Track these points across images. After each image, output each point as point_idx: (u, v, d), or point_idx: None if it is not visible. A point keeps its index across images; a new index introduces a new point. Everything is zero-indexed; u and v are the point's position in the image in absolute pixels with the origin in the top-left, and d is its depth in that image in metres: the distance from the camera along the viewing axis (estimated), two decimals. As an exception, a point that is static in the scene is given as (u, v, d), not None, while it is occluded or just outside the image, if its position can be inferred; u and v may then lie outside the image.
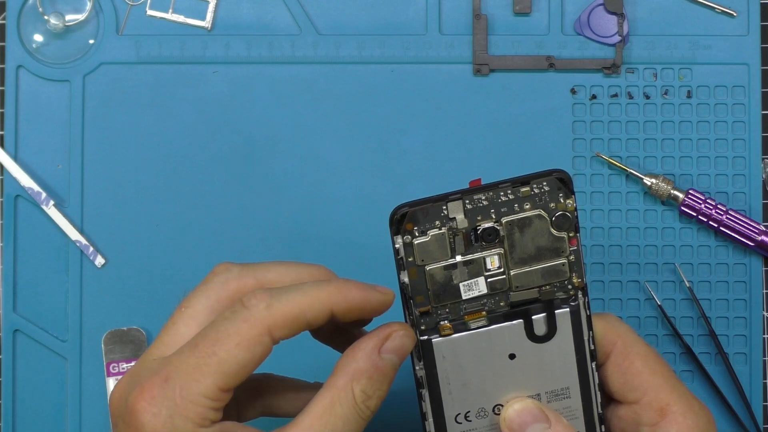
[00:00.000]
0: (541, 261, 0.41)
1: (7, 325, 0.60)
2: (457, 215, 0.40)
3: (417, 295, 0.41)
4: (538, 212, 0.40)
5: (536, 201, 0.40)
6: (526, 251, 0.41)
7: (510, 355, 0.41)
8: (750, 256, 0.61)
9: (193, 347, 0.39)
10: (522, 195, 0.40)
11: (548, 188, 0.40)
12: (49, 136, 0.61)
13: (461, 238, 0.40)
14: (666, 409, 0.42)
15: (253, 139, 0.61)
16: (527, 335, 0.41)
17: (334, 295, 0.40)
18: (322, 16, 0.62)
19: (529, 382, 0.42)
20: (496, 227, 0.40)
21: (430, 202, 0.40)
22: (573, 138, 0.61)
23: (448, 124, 0.61)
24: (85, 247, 0.60)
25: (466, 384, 0.41)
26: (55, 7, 0.61)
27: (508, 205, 0.40)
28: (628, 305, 0.61)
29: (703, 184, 0.61)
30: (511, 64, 0.61)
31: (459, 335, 0.41)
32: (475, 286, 0.41)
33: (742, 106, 0.61)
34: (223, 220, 0.61)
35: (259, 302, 0.39)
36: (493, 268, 0.41)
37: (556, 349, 0.42)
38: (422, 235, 0.40)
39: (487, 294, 0.41)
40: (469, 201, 0.40)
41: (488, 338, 0.41)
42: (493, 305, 0.41)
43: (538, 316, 0.41)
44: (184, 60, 0.61)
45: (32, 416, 0.60)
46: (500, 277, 0.41)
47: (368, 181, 0.61)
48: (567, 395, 0.42)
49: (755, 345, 0.61)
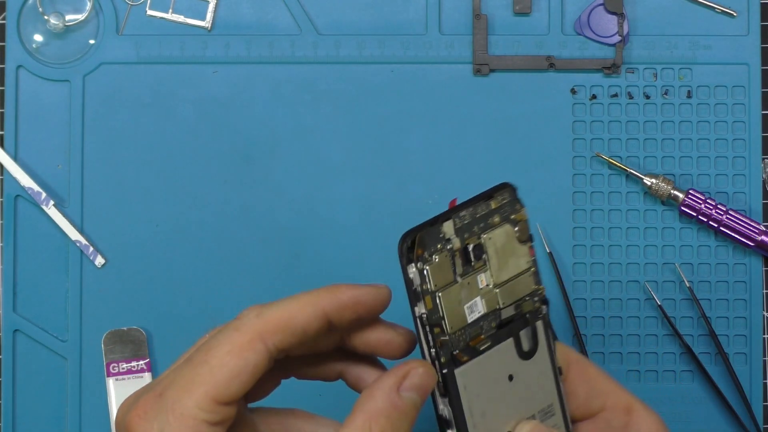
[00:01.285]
0: (515, 274, 0.40)
1: (7, 325, 0.60)
2: (452, 236, 0.39)
3: (436, 326, 0.39)
4: (506, 224, 0.40)
5: (502, 213, 0.40)
6: (504, 266, 0.40)
7: (509, 376, 0.41)
8: (750, 256, 0.61)
9: (187, 361, 0.39)
10: (492, 209, 0.40)
11: (509, 199, 0.40)
12: (49, 136, 0.61)
13: (459, 258, 0.39)
14: (630, 407, 0.42)
15: (253, 139, 0.61)
16: (518, 353, 0.41)
17: (324, 296, 0.39)
18: (322, 16, 0.62)
19: (527, 403, 0.41)
20: (481, 244, 0.40)
21: (429, 225, 0.39)
22: (573, 138, 0.61)
23: (448, 124, 0.61)
24: (85, 247, 0.60)
25: (484, 413, 0.40)
26: (55, 7, 0.61)
27: (483, 220, 0.40)
28: (628, 305, 0.61)
29: (703, 184, 0.61)
30: (511, 64, 0.61)
31: (472, 361, 0.40)
32: (476, 307, 0.40)
33: (742, 106, 0.61)
34: (223, 220, 0.61)
35: (250, 312, 0.39)
36: (484, 287, 0.40)
37: (540, 365, 0.41)
38: (430, 259, 0.39)
39: (484, 314, 0.40)
40: (457, 219, 0.40)
41: (491, 361, 0.40)
42: (488, 325, 0.40)
43: (523, 331, 0.41)
44: (184, 60, 0.61)
45: (32, 416, 0.60)
46: (492, 296, 0.40)
47: (368, 181, 0.61)
48: (552, 412, 0.41)
49: (755, 345, 0.61)
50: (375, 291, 0.40)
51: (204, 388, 0.37)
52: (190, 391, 0.37)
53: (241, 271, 0.60)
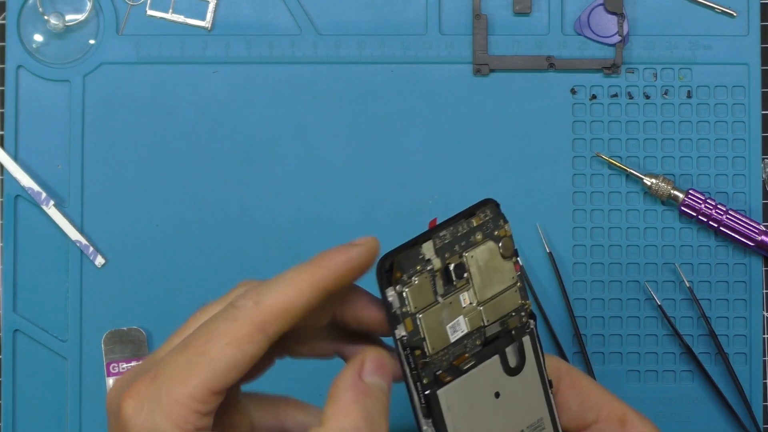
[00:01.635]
0: (500, 291, 0.40)
1: (7, 325, 0.60)
2: (431, 256, 0.39)
3: (416, 348, 0.39)
4: (488, 241, 0.40)
5: (484, 230, 0.40)
6: (488, 283, 0.40)
7: (495, 393, 0.40)
8: (750, 256, 0.61)
9: (184, 346, 0.38)
10: (474, 226, 0.40)
11: (491, 216, 0.40)
12: (49, 136, 0.61)
13: (439, 278, 0.39)
14: (624, 418, 0.42)
15: (253, 139, 0.61)
16: (504, 370, 0.41)
17: (320, 272, 0.39)
18: (322, 16, 0.62)
19: (514, 420, 0.41)
20: (462, 263, 0.40)
21: (408, 247, 0.39)
22: (573, 138, 0.61)
23: (448, 124, 0.61)
24: (85, 247, 0.60)
25: None
26: (55, 7, 0.61)
27: (465, 238, 0.40)
28: (628, 305, 0.61)
29: (703, 184, 0.61)
30: (511, 64, 0.61)
31: (456, 381, 0.40)
32: (458, 327, 0.40)
33: (742, 106, 0.61)
34: (223, 220, 0.61)
35: (247, 301, 0.39)
36: (467, 306, 0.40)
37: (528, 380, 0.41)
38: (410, 281, 0.39)
39: (468, 333, 0.40)
40: (437, 239, 0.40)
41: (476, 380, 0.40)
42: (473, 343, 0.40)
43: (509, 348, 0.41)
44: (184, 60, 0.61)
45: (32, 416, 0.60)
46: (475, 314, 0.40)
47: (368, 181, 0.61)
48: (542, 426, 0.41)
49: (755, 345, 0.61)
50: (365, 248, 0.40)
51: (200, 378, 0.37)
52: (186, 380, 0.37)
53: (241, 271, 0.60)
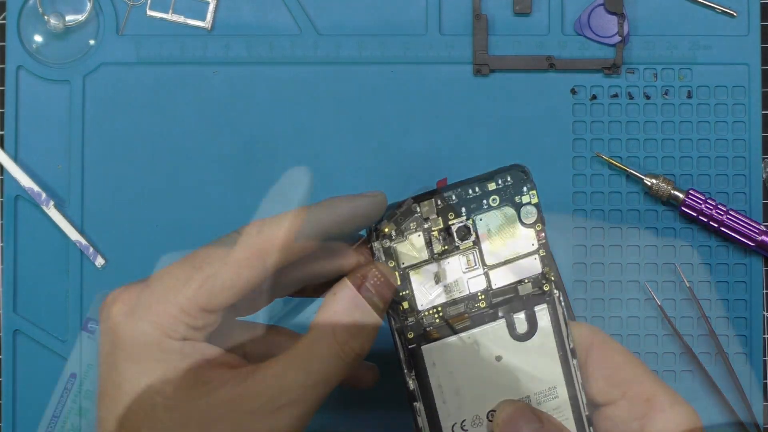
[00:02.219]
0: (514, 257, 0.41)
1: (7, 325, 0.60)
2: (430, 215, 0.40)
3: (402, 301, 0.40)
4: (505, 206, 0.40)
5: (502, 195, 0.40)
6: (499, 248, 0.41)
7: (497, 357, 0.41)
8: (750, 256, 0.61)
9: (181, 261, 0.39)
10: (489, 190, 0.40)
11: (512, 182, 0.40)
12: (49, 136, 0.61)
13: (437, 238, 0.40)
14: (652, 399, 0.42)
15: (254, 140, 0.61)
16: (510, 335, 0.41)
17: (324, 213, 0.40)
18: (322, 16, 0.62)
19: (518, 384, 0.41)
20: (468, 225, 0.40)
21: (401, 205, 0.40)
22: (573, 138, 0.61)
23: (448, 124, 0.61)
24: (85, 247, 0.60)
25: (459, 391, 0.41)
26: (55, 8, 0.61)
27: (476, 201, 0.40)
28: (628, 305, 0.61)
29: (704, 184, 0.61)
30: (511, 64, 0.61)
31: (446, 339, 0.41)
32: (456, 287, 0.40)
33: (742, 106, 0.61)
34: (223, 220, 0.61)
35: (251, 228, 0.39)
36: (471, 268, 0.40)
37: (539, 348, 0.41)
38: (400, 237, 0.40)
39: (469, 295, 0.41)
40: (440, 200, 0.40)
41: (474, 341, 0.41)
42: (475, 306, 0.41)
43: (519, 313, 0.41)
44: (185, 60, 0.61)
45: (32, 416, 0.60)
46: (479, 277, 0.41)
47: (368, 181, 0.61)
48: (555, 395, 0.42)
49: (755, 345, 0.61)
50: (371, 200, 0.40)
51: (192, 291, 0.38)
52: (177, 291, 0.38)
53: (241, 271, 0.60)
